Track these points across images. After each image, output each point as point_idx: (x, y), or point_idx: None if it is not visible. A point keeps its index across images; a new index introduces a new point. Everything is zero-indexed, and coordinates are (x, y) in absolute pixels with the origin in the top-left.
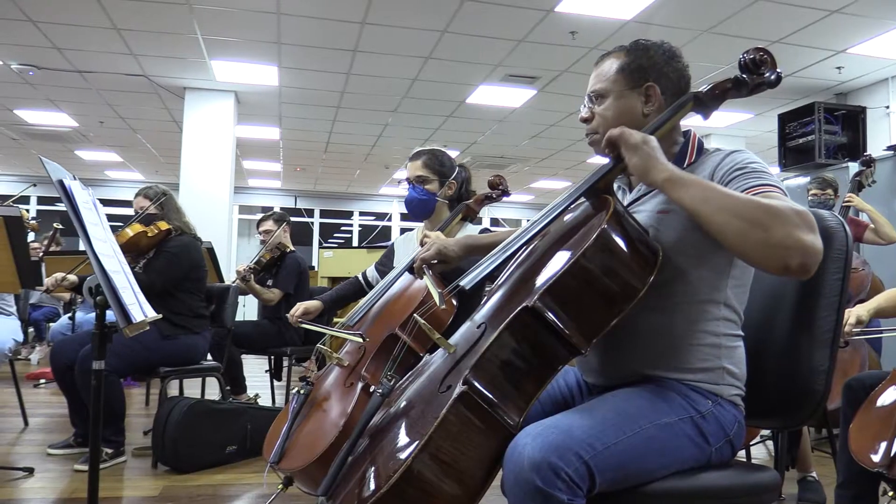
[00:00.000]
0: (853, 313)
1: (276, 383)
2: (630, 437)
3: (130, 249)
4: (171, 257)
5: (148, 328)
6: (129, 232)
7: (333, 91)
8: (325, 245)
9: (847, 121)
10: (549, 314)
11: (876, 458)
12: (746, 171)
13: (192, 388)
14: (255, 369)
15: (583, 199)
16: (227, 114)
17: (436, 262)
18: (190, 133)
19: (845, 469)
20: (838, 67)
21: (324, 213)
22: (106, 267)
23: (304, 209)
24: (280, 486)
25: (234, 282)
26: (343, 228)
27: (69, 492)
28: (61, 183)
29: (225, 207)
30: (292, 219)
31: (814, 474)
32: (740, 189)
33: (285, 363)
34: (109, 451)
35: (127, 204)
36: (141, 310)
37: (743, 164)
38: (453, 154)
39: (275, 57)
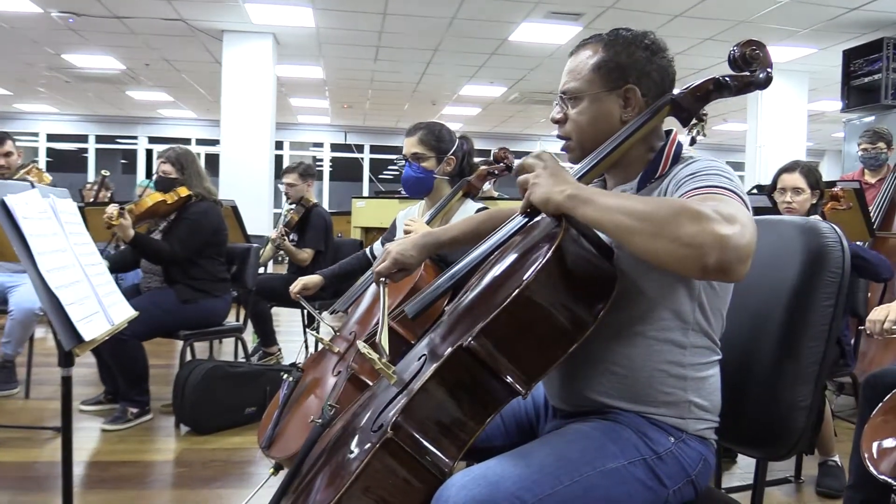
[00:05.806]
0: (894, 308)
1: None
2: (568, 487)
3: (149, 216)
4: (191, 225)
5: (124, 327)
6: (149, 201)
7: (371, 31)
8: (373, 181)
9: None
10: (486, 355)
11: (885, 465)
12: (696, 176)
13: (226, 345)
14: (292, 317)
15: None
16: (266, 55)
17: (395, 271)
18: (229, 75)
19: (856, 470)
20: None
21: (374, 149)
22: (53, 284)
23: (354, 145)
24: (271, 471)
25: (273, 241)
26: (395, 163)
27: (94, 454)
28: (2, 203)
29: (266, 147)
30: (343, 155)
31: (836, 458)
32: (681, 194)
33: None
34: (135, 410)
35: (183, 142)
36: (106, 317)
37: (696, 171)
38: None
39: None
